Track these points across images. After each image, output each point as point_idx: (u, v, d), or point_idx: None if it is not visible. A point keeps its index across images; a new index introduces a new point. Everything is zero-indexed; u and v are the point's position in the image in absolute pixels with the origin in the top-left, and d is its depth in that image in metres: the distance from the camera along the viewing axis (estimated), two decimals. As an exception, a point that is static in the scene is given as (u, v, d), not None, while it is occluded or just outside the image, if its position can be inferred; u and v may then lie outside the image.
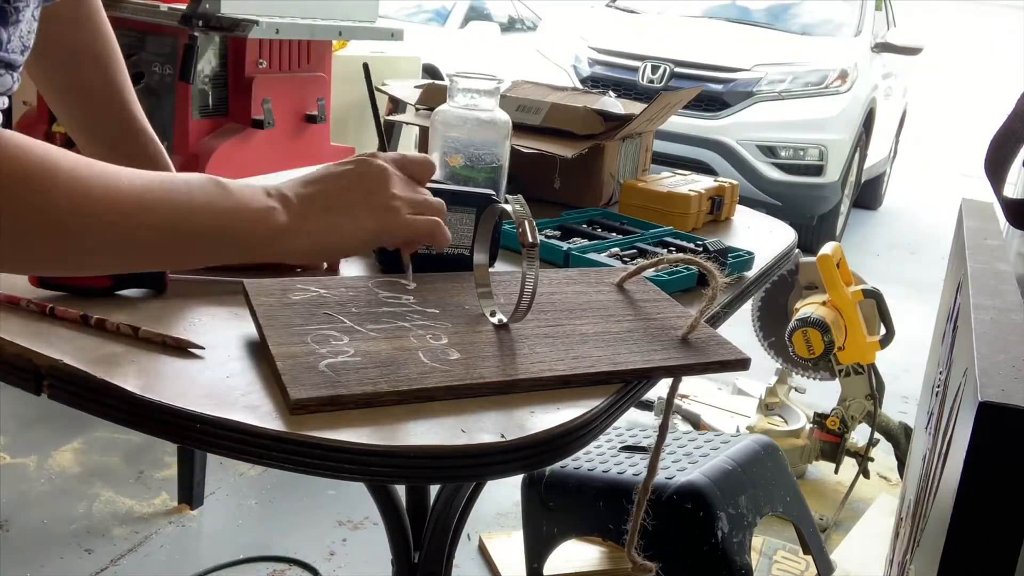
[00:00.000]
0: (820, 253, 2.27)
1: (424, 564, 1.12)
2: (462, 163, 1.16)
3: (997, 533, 0.63)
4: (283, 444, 0.63)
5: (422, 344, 0.76)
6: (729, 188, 1.44)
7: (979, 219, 1.39)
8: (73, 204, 0.58)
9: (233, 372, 0.71)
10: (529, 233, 0.77)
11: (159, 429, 0.66)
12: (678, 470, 1.56)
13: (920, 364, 1.97)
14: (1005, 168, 0.99)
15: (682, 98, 1.52)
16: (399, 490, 1.14)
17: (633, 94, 4.53)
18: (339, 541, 1.91)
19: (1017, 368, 0.69)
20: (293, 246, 0.71)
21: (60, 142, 2.22)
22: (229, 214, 0.67)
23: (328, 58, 2.57)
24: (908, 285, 4.61)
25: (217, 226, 0.67)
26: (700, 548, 1.46)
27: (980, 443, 0.62)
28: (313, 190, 0.73)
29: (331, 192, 0.73)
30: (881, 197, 6.78)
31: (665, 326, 0.86)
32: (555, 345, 0.79)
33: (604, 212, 1.32)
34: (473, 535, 1.97)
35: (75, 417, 2.20)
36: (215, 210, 0.67)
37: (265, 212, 0.69)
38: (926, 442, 1.16)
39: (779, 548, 2.04)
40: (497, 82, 1.16)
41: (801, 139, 4.67)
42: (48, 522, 1.87)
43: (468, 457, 0.65)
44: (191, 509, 1.96)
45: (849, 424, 2.32)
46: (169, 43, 2.18)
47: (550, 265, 1.09)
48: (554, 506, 1.66)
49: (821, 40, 5.19)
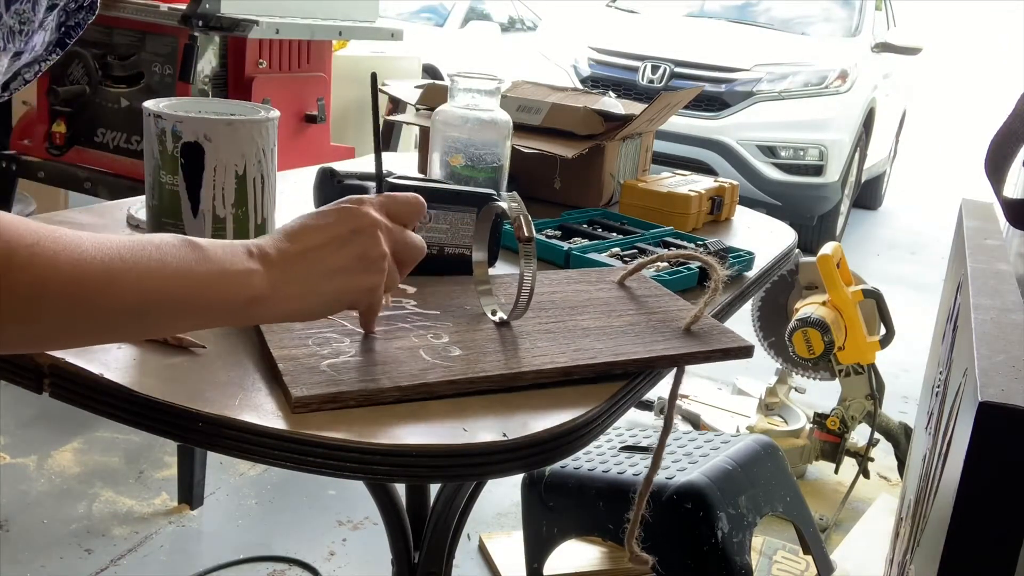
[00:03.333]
0: (820, 253, 2.27)
1: (424, 564, 1.12)
2: (463, 163, 1.16)
3: (997, 533, 0.63)
4: (284, 443, 0.63)
5: (423, 343, 0.76)
6: (729, 188, 1.44)
7: (979, 219, 1.39)
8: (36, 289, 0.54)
9: (235, 371, 0.71)
10: (525, 228, 0.77)
11: (161, 428, 0.66)
12: (678, 470, 1.56)
13: (920, 364, 1.97)
14: (1005, 168, 0.99)
15: (682, 98, 1.52)
16: (399, 490, 1.14)
17: (633, 94, 4.53)
18: (339, 541, 1.91)
19: (1017, 368, 0.69)
20: (270, 312, 0.66)
21: (60, 142, 2.21)
22: (203, 282, 0.62)
23: (328, 58, 2.56)
24: (908, 285, 4.61)
25: (190, 296, 0.61)
26: (700, 548, 1.47)
27: (980, 443, 0.63)
28: (298, 248, 0.67)
29: (318, 253, 0.67)
30: (881, 197, 6.78)
31: (667, 319, 0.86)
32: (556, 339, 0.80)
33: (604, 212, 1.33)
34: (473, 535, 1.97)
35: (75, 417, 2.21)
36: (189, 278, 0.61)
37: (243, 276, 0.63)
38: (926, 442, 1.16)
39: (779, 548, 2.04)
40: (498, 82, 1.16)
41: (801, 139, 4.67)
42: (48, 522, 1.87)
43: (469, 456, 0.65)
44: (191, 509, 1.96)
45: (849, 424, 2.32)
46: (169, 43, 2.18)
47: (550, 265, 1.09)
48: (554, 506, 1.67)
49: (821, 40, 5.19)
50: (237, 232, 0.93)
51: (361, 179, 1.13)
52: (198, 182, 0.90)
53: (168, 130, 0.86)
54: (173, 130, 0.85)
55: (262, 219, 0.95)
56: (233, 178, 0.88)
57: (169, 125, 0.85)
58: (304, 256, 0.67)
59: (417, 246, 0.73)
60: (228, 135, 0.86)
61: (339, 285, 0.68)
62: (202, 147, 0.85)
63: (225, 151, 0.87)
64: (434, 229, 0.96)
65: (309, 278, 0.67)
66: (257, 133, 0.88)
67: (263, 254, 0.65)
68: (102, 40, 2.16)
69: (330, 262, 0.67)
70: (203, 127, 0.85)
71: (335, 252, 0.68)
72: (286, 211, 1.12)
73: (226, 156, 0.87)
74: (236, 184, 0.89)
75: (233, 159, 0.87)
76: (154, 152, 0.88)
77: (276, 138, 0.92)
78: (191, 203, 0.91)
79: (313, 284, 0.67)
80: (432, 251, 0.96)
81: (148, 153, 0.89)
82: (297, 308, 0.67)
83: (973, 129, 8.48)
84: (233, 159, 0.87)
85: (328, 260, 0.67)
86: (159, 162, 0.88)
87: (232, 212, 0.92)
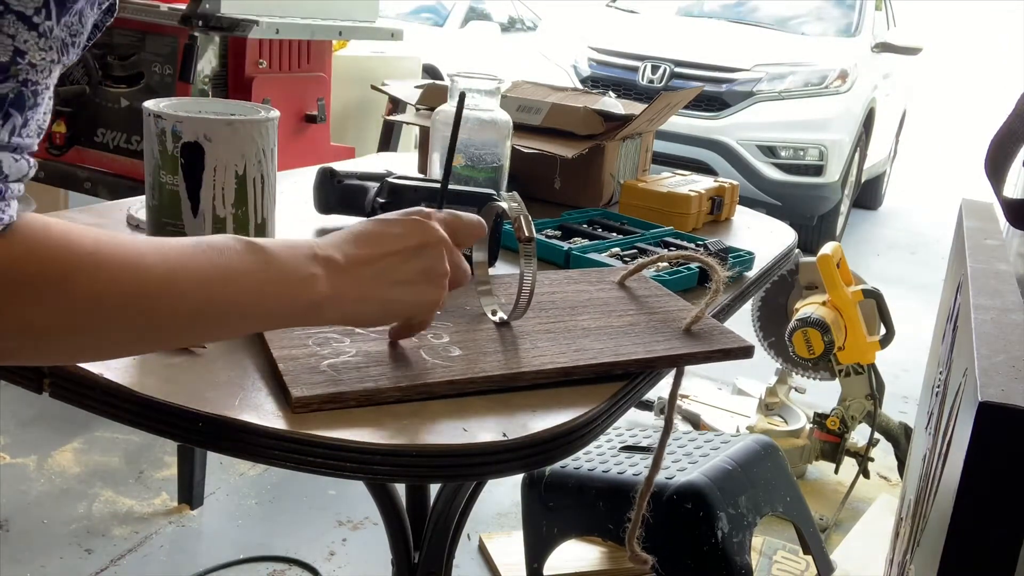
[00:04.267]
0: (820, 253, 2.27)
1: (424, 564, 1.12)
2: (463, 163, 1.16)
3: (997, 533, 0.63)
4: (284, 443, 0.63)
5: (423, 343, 0.76)
6: (729, 188, 1.44)
7: (979, 219, 1.39)
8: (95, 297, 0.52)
9: (235, 371, 0.71)
10: (525, 228, 0.77)
11: (161, 428, 0.66)
12: (678, 470, 1.56)
13: (920, 364, 1.97)
14: (1005, 168, 0.99)
15: (682, 98, 1.52)
16: (399, 490, 1.14)
17: (633, 94, 4.53)
18: (339, 541, 1.91)
19: (1017, 368, 0.69)
20: (329, 316, 0.65)
21: (60, 142, 2.21)
22: (267, 289, 0.61)
23: (328, 58, 2.56)
24: (908, 285, 4.61)
25: (252, 303, 0.60)
26: (700, 548, 1.47)
27: (980, 443, 0.63)
28: (367, 253, 0.66)
29: (387, 260, 0.66)
30: (881, 197, 6.78)
31: (668, 319, 0.86)
32: (557, 339, 0.80)
33: (604, 212, 1.33)
34: (473, 535, 1.97)
35: (75, 417, 2.21)
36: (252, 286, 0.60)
37: (308, 282, 0.63)
38: (926, 442, 1.16)
39: (779, 548, 2.04)
40: (498, 82, 1.16)
41: (801, 139, 4.67)
42: (48, 522, 1.87)
43: (469, 456, 0.65)
44: (191, 509, 1.96)
45: (849, 424, 2.32)
46: (169, 43, 2.18)
47: (551, 265, 1.09)
48: (554, 506, 1.66)
49: (821, 40, 5.19)
50: (237, 232, 0.93)
51: (361, 179, 1.13)
52: (198, 182, 0.90)
53: (168, 130, 0.86)
54: (173, 130, 0.85)
55: (262, 219, 0.95)
56: (233, 178, 0.88)
57: (169, 125, 0.85)
58: (371, 263, 0.66)
59: (467, 272, 0.73)
60: (228, 135, 0.86)
61: (400, 295, 0.68)
62: (202, 147, 0.85)
63: (225, 151, 0.87)
64: (434, 229, 0.95)
65: (373, 285, 0.66)
66: (257, 133, 0.88)
67: (328, 258, 0.64)
68: (102, 40, 2.16)
69: (396, 272, 0.67)
70: (203, 127, 0.85)
71: (402, 263, 0.67)
72: (286, 211, 1.12)
73: (226, 156, 0.87)
74: (236, 184, 0.89)
75: (233, 159, 0.87)
76: (154, 152, 0.88)
77: (276, 138, 0.92)
78: (191, 203, 0.90)
79: (376, 291, 0.66)
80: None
81: (148, 153, 0.89)
82: (355, 312, 0.66)
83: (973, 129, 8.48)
84: (233, 159, 0.87)
85: (395, 270, 0.67)
86: (159, 162, 0.88)
87: (232, 212, 0.92)
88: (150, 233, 0.95)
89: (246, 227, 0.94)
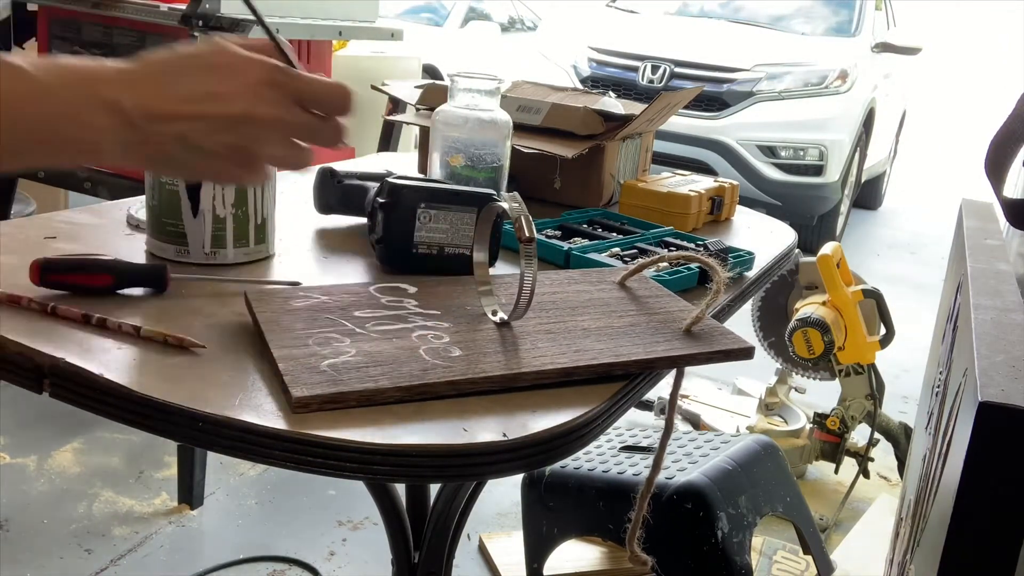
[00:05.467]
0: (820, 253, 2.27)
1: (424, 564, 1.12)
2: (463, 163, 1.16)
3: (997, 533, 0.63)
4: (285, 443, 0.63)
5: (424, 343, 0.76)
6: (729, 188, 1.44)
7: (979, 219, 1.39)
8: None
9: (235, 371, 0.71)
10: (526, 228, 0.77)
11: (161, 428, 0.66)
12: (678, 470, 1.56)
13: (920, 364, 1.97)
14: (1005, 168, 0.99)
15: (682, 98, 1.52)
16: (399, 490, 1.14)
17: (633, 94, 4.53)
18: (339, 541, 1.91)
19: (1017, 368, 0.69)
20: (113, 158, 0.59)
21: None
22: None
23: (328, 58, 2.56)
24: (908, 285, 4.61)
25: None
26: (700, 548, 1.47)
27: (980, 443, 0.63)
28: (170, 110, 0.60)
29: (190, 124, 0.60)
30: (881, 197, 6.79)
31: (668, 319, 0.86)
32: (557, 340, 0.80)
33: (604, 212, 1.33)
34: (473, 535, 1.97)
35: (75, 417, 2.21)
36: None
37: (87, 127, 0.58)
38: (926, 442, 1.16)
39: (779, 548, 2.04)
40: (498, 82, 1.16)
41: (801, 139, 4.68)
42: (48, 522, 1.87)
43: (469, 456, 0.65)
44: (191, 509, 1.96)
45: (849, 424, 2.32)
46: (169, 43, 2.19)
47: (551, 265, 1.09)
48: (554, 506, 1.67)
49: (821, 40, 5.19)
50: (237, 232, 0.93)
51: (361, 179, 1.13)
52: (198, 182, 0.90)
53: (168, 130, 0.85)
54: (173, 130, 0.85)
55: (262, 219, 0.95)
56: (233, 178, 0.88)
57: (169, 125, 0.85)
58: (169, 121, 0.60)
59: (304, 156, 0.66)
60: (228, 135, 0.86)
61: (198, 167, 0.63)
62: (202, 147, 0.85)
63: (225, 151, 0.86)
64: (434, 229, 0.96)
65: (169, 146, 0.61)
66: (257, 133, 0.88)
67: (115, 104, 0.59)
68: (102, 40, 2.16)
69: (201, 139, 0.61)
70: (203, 127, 0.85)
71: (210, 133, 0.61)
72: (286, 211, 1.13)
73: (226, 156, 0.87)
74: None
75: (233, 159, 0.87)
76: (154, 152, 0.88)
77: (276, 138, 0.91)
78: (191, 203, 0.91)
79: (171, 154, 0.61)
80: (432, 251, 0.96)
81: (148, 153, 0.89)
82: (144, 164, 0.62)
83: (973, 129, 8.48)
84: (233, 159, 0.87)
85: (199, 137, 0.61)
86: (159, 162, 0.88)
87: (232, 212, 0.92)
88: (150, 233, 0.95)
89: (246, 227, 0.94)
